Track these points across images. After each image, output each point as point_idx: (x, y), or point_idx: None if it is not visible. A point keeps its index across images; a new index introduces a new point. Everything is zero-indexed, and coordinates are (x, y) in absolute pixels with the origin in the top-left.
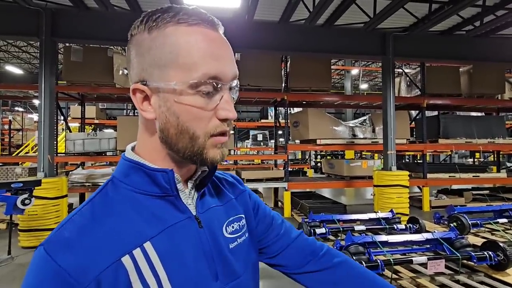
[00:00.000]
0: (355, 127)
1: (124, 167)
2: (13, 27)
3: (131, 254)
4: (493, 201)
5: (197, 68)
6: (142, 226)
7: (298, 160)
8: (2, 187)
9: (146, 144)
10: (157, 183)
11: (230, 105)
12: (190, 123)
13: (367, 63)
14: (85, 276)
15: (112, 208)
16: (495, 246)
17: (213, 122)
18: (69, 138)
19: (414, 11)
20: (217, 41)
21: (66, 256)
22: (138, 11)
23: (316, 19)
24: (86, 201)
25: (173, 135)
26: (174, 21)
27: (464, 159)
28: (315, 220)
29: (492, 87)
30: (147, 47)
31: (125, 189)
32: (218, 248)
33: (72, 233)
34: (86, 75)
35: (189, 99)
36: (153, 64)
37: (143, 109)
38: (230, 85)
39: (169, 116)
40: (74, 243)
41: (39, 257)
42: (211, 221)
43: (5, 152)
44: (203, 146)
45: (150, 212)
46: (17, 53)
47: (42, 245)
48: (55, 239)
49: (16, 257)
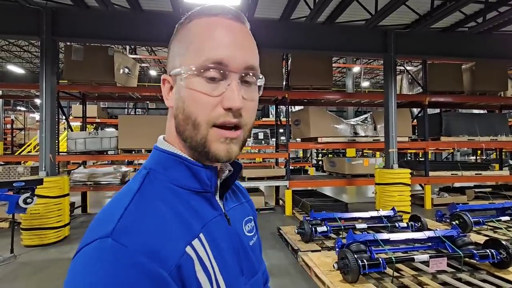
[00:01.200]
0: (356, 125)
1: (163, 159)
2: (13, 27)
3: (191, 244)
4: (495, 199)
5: (203, 53)
6: (189, 219)
7: (299, 158)
8: (5, 186)
9: (171, 134)
10: (199, 178)
11: (236, 93)
12: (193, 108)
13: (368, 61)
14: (167, 262)
15: (162, 198)
16: (498, 244)
17: (217, 110)
18: (71, 137)
19: (416, 8)
20: (233, 29)
21: (142, 243)
22: (139, 9)
23: (317, 16)
24: (129, 191)
25: (180, 122)
26: (197, 15)
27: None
28: (317, 218)
29: (494, 84)
30: (174, 43)
31: (165, 182)
32: (242, 244)
33: (137, 222)
34: (87, 74)
35: (193, 83)
36: (175, 55)
37: (166, 97)
38: (243, 75)
39: (179, 101)
40: (145, 231)
41: (106, 248)
42: (235, 219)
43: (7, 151)
44: (205, 136)
45: (190, 206)
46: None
47: (105, 237)
48: (122, 229)
49: (19, 256)
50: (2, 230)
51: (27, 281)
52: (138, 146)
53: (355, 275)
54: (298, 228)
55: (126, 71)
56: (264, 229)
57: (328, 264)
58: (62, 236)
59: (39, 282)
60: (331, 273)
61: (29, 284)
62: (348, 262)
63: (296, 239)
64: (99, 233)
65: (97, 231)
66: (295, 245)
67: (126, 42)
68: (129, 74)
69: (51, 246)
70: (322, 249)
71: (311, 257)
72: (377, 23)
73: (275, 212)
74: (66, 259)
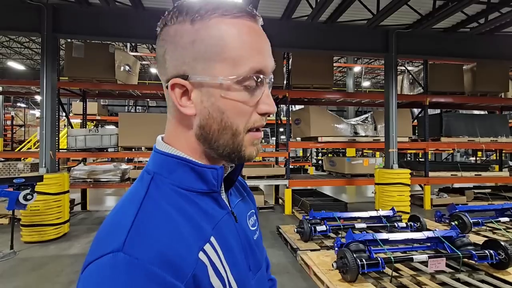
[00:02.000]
0: (356, 124)
1: (167, 162)
2: (14, 23)
3: (203, 250)
4: (494, 200)
5: (244, 62)
6: (200, 222)
7: (299, 157)
8: (5, 182)
9: (181, 141)
10: (205, 179)
11: (271, 98)
12: (234, 118)
13: (369, 61)
14: (182, 272)
15: (171, 204)
16: (496, 244)
17: (253, 117)
18: (71, 134)
19: (418, 8)
20: (259, 34)
21: (155, 255)
22: (140, 7)
23: (319, 15)
24: (135, 198)
25: (215, 131)
26: (218, 13)
27: (466, 158)
28: (316, 217)
29: (495, 85)
30: (189, 40)
31: (171, 185)
32: (248, 240)
33: (148, 232)
34: (88, 71)
35: (235, 94)
36: (196, 57)
37: (182, 104)
38: (269, 79)
39: (213, 111)
40: (157, 242)
41: (118, 263)
42: (240, 214)
43: (7, 147)
44: (241, 142)
45: (199, 208)
46: (19, 49)
47: (116, 251)
48: (134, 241)
49: (19, 252)
50: (2, 226)
51: (27, 277)
52: (138, 144)
53: (354, 274)
54: (298, 227)
55: (127, 69)
56: (264, 228)
57: (327, 263)
58: (62, 232)
59: (39, 278)
60: (330, 272)
61: (28, 280)
62: (347, 262)
63: (295, 238)
64: (110, 246)
65: (107, 243)
66: (294, 244)
67: (127, 40)
68: (129, 71)
69: (51, 243)
70: (321, 248)
71: (310, 256)
72: (378, 23)
73: (274, 211)
74: (65, 256)
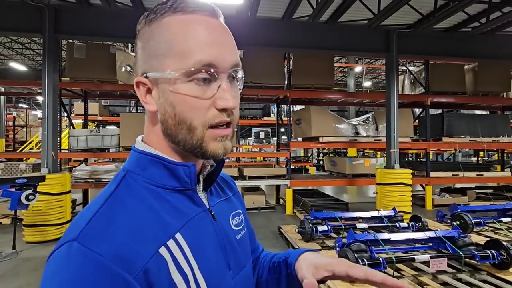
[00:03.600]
0: (358, 125)
1: (140, 160)
2: (16, 24)
3: (166, 245)
4: (496, 200)
5: (191, 55)
6: (167, 218)
7: (300, 157)
8: (7, 182)
9: (152, 137)
10: (178, 177)
11: (229, 93)
12: (187, 113)
13: (370, 61)
14: (133, 266)
15: (137, 200)
16: (498, 245)
17: (211, 112)
18: (73, 134)
19: (419, 8)
20: (215, 28)
21: (107, 247)
22: (141, 7)
23: (320, 15)
24: (104, 194)
25: (171, 126)
26: (170, 10)
27: (468, 158)
28: (317, 217)
29: (497, 85)
30: (146, 40)
31: (143, 183)
32: (229, 239)
33: (106, 225)
34: (89, 72)
35: (184, 88)
36: (152, 55)
37: (146, 101)
38: (230, 73)
39: (167, 106)
40: (111, 235)
41: (72, 252)
42: (221, 214)
43: (9, 148)
44: (201, 138)
45: (170, 205)
46: (20, 50)
47: (72, 241)
48: (89, 232)
49: (21, 252)
50: (5, 226)
51: (29, 277)
52: None
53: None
54: (299, 227)
55: (128, 69)
56: (265, 228)
57: None
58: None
59: (40, 278)
60: None
61: (30, 280)
62: None
63: (296, 238)
64: (69, 236)
65: (68, 234)
66: (296, 244)
67: (128, 40)
68: (131, 72)
69: (53, 243)
70: (323, 248)
71: None
72: (379, 22)
73: (275, 211)
74: None
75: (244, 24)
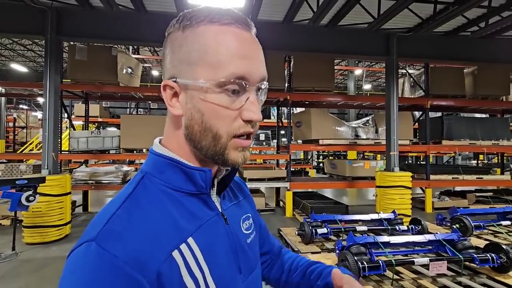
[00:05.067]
0: (358, 127)
1: (158, 163)
2: (19, 26)
3: (179, 249)
4: (496, 203)
5: (224, 67)
6: (181, 222)
7: (300, 160)
8: (7, 183)
9: (172, 140)
10: (194, 181)
11: (256, 106)
12: (214, 121)
13: (370, 64)
14: (146, 268)
15: (153, 203)
16: (498, 248)
17: (237, 122)
18: (73, 136)
19: (419, 12)
20: (248, 41)
21: (123, 249)
22: (143, 10)
23: (320, 19)
24: (122, 195)
25: (197, 133)
26: (207, 20)
27: (468, 161)
28: (317, 220)
29: (496, 88)
30: (178, 45)
31: (160, 185)
32: (240, 243)
33: (123, 227)
34: (90, 74)
35: (214, 97)
36: (182, 61)
37: (172, 105)
38: (257, 86)
39: (195, 113)
40: (127, 238)
41: (90, 252)
42: (233, 217)
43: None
44: (225, 146)
45: (185, 208)
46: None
47: (91, 241)
48: (107, 234)
49: (20, 253)
50: (4, 227)
51: (29, 278)
52: (139, 146)
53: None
54: (299, 230)
55: (129, 71)
56: None
57: None
58: (64, 234)
59: (40, 280)
60: None
61: (30, 281)
62: (348, 264)
63: (296, 240)
64: (88, 235)
65: (88, 233)
66: (295, 247)
67: (129, 43)
68: (132, 74)
69: (53, 244)
70: (322, 250)
71: (311, 259)
72: (379, 26)
73: (275, 213)
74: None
75: None
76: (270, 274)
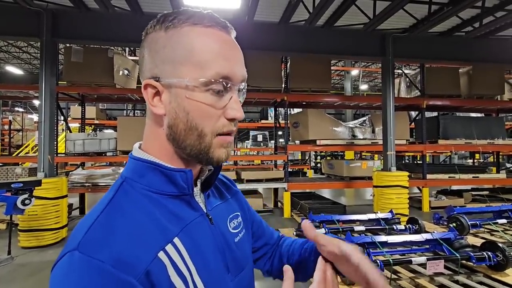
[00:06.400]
0: (354, 127)
1: (138, 167)
2: (14, 28)
3: (165, 250)
4: (492, 202)
5: (210, 67)
6: (165, 224)
7: (297, 160)
8: (2, 187)
9: (153, 142)
10: (175, 182)
11: (239, 105)
12: (199, 120)
13: (367, 64)
14: (135, 269)
15: (135, 206)
16: (494, 246)
17: (221, 121)
18: (69, 138)
19: (414, 12)
20: (229, 43)
21: (107, 253)
22: (139, 12)
23: (316, 20)
24: (103, 202)
25: (181, 131)
26: (190, 22)
27: (464, 160)
28: (315, 220)
29: (491, 88)
30: (162, 45)
31: (141, 189)
32: (227, 242)
33: (105, 233)
34: (87, 76)
35: (200, 96)
36: (166, 60)
37: (154, 104)
38: (239, 86)
39: (179, 112)
40: (111, 242)
41: (74, 261)
42: (218, 217)
43: (5, 152)
44: (209, 144)
45: (168, 210)
46: (17, 54)
47: (73, 250)
48: (89, 241)
49: (16, 257)
50: (0, 231)
51: (24, 282)
52: None
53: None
54: (297, 230)
55: (126, 73)
56: None
57: None
58: (60, 237)
59: (36, 284)
60: None
61: (26, 286)
62: None
63: None
64: (69, 246)
65: (69, 244)
66: None
67: (126, 44)
68: (128, 75)
69: (49, 248)
70: None
71: None
72: (375, 27)
73: (273, 214)
74: None
75: (242, 28)
76: (273, 266)
